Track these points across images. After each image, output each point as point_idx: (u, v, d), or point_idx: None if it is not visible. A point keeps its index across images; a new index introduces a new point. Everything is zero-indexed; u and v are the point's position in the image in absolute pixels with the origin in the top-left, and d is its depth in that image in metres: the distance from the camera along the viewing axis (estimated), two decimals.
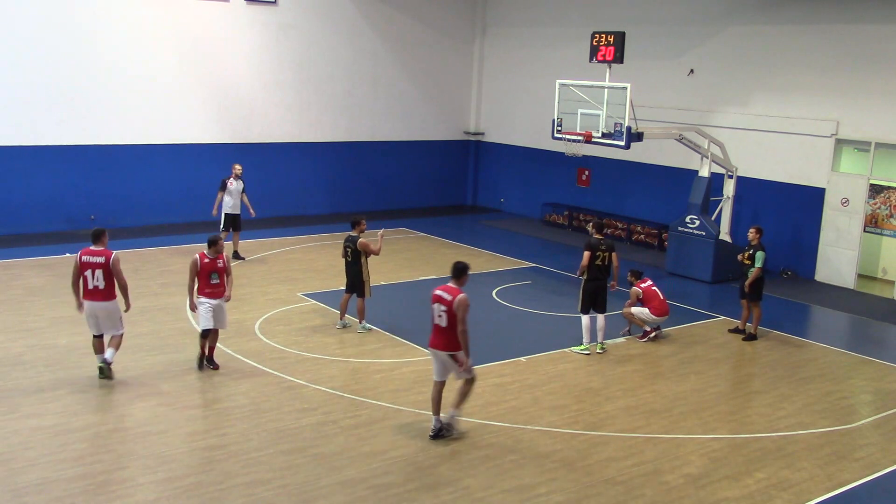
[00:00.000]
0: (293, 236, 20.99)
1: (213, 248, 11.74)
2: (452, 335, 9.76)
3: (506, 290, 16.92)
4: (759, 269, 14.17)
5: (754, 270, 14.21)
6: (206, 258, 11.69)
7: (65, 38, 19.95)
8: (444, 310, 9.84)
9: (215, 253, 11.73)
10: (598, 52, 17.02)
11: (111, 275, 10.98)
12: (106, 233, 11.27)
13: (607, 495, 8.90)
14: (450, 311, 9.77)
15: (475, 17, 26.60)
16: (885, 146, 17.97)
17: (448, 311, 9.80)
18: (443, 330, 9.85)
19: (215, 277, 11.70)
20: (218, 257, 11.74)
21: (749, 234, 14.64)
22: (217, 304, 11.71)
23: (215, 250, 11.73)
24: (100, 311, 11.10)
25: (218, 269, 11.73)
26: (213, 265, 11.70)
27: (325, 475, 9.06)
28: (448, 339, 9.80)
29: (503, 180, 26.61)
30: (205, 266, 11.68)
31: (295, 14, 23.05)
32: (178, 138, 21.75)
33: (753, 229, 14.58)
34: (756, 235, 14.45)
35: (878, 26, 17.68)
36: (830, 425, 11.06)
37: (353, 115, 24.65)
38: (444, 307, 9.86)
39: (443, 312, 9.85)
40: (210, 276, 11.67)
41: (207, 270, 11.69)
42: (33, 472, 8.82)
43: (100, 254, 11.00)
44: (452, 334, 9.76)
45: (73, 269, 11.13)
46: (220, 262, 11.75)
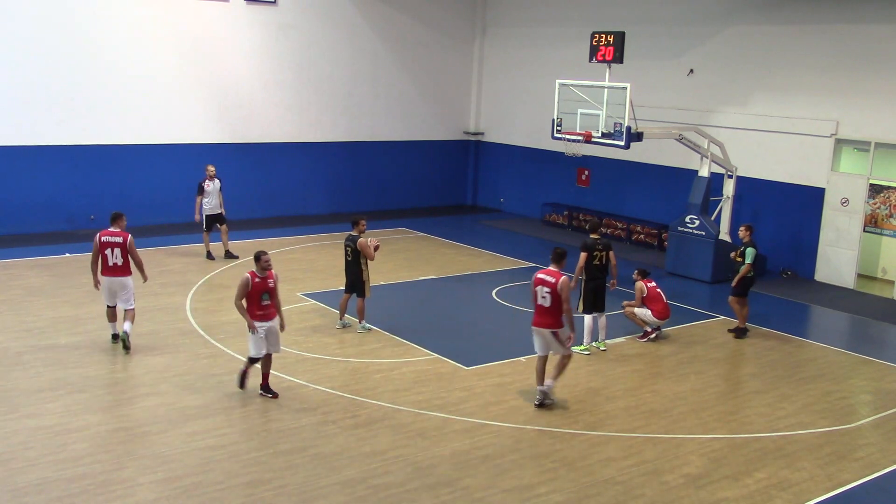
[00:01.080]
0: (293, 236, 21.00)
1: (260, 264, 10.73)
2: (555, 315, 10.82)
3: (506, 290, 16.92)
4: (749, 266, 14.27)
5: (744, 266, 14.32)
6: (257, 277, 10.68)
7: (65, 38, 19.96)
8: (548, 291, 10.83)
9: (264, 270, 10.72)
10: (598, 52, 17.02)
11: (128, 253, 12.39)
12: (124, 216, 12.70)
13: (607, 495, 8.91)
14: (554, 293, 10.76)
15: (475, 17, 26.60)
16: (884, 146, 17.98)
17: (552, 292, 10.79)
18: (546, 310, 10.90)
19: (266, 298, 10.74)
20: (268, 275, 10.76)
21: (740, 232, 14.82)
22: (269, 326, 10.81)
23: (262, 266, 10.70)
24: (117, 285, 12.45)
25: (269, 289, 10.76)
26: (264, 285, 10.71)
27: (324, 475, 9.06)
28: (552, 318, 10.86)
29: (503, 180, 26.61)
30: (256, 286, 10.66)
31: (295, 14, 23.06)
32: (178, 138, 21.76)
33: (744, 227, 14.75)
34: (747, 233, 14.60)
35: (878, 26, 17.69)
36: (830, 425, 11.07)
37: (353, 115, 24.65)
38: (547, 289, 10.85)
39: (547, 294, 10.84)
40: (261, 296, 10.70)
41: (259, 291, 10.68)
42: (33, 472, 8.82)
43: (118, 234, 12.43)
44: (555, 314, 10.81)
45: (94, 249, 12.38)
46: (270, 280, 10.77)
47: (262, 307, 10.75)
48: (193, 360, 12.30)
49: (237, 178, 21.85)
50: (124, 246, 12.36)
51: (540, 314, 10.99)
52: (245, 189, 22.39)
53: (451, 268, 18.58)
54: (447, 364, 12.58)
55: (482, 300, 16.29)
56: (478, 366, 12.56)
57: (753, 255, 14.31)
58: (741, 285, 14.44)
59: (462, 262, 19.21)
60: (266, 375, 11.00)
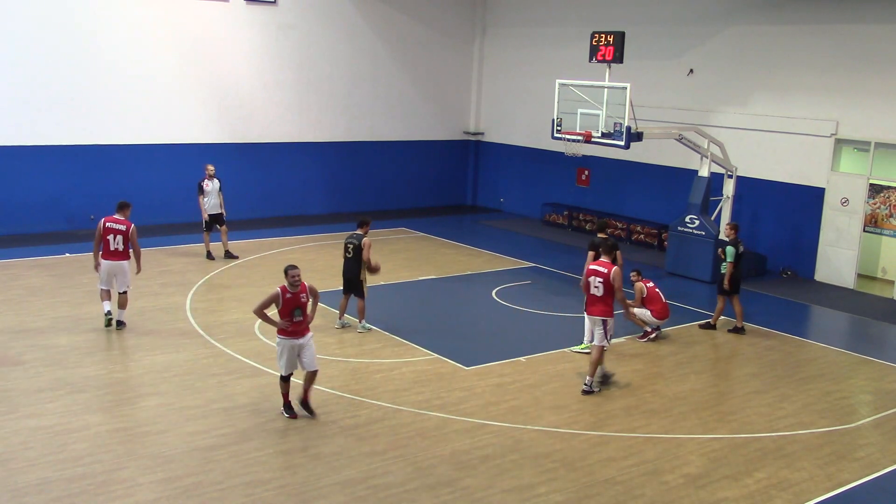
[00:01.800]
0: (293, 236, 21.00)
1: (288, 279, 10.07)
2: (607, 303, 11.51)
3: (506, 290, 16.92)
4: (731, 265, 14.45)
5: (727, 266, 14.46)
6: (288, 293, 10.07)
7: (65, 38, 19.96)
8: (600, 281, 11.50)
9: (294, 285, 10.08)
10: (598, 52, 17.02)
11: (128, 241, 13.20)
12: (130, 205, 13.54)
13: (607, 495, 8.91)
14: (606, 282, 11.43)
15: (475, 17, 26.60)
16: (884, 146, 17.98)
17: (605, 281, 11.45)
18: (599, 299, 11.57)
19: (298, 314, 10.13)
20: (300, 289, 10.15)
21: (725, 230, 15.13)
22: (301, 343, 10.22)
23: (291, 282, 10.05)
24: (116, 269, 13.22)
25: (301, 305, 10.15)
26: (296, 300, 10.10)
27: (324, 475, 9.06)
28: (604, 306, 11.54)
29: (503, 180, 26.61)
30: (287, 302, 10.06)
31: (295, 14, 23.06)
32: (178, 138, 21.76)
33: (729, 226, 15.03)
34: (732, 232, 14.81)
35: (878, 26, 17.69)
36: (830, 425, 11.07)
37: (353, 115, 24.65)
38: (600, 279, 11.52)
39: (599, 283, 11.52)
40: (293, 313, 10.09)
41: (290, 307, 10.08)
42: (33, 472, 8.82)
43: (122, 223, 13.26)
44: (607, 302, 11.50)
45: (97, 234, 13.23)
46: (303, 296, 10.17)
47: (294, 324, 10.13)
48: (193, 360, 12.29)
49: (237, 178, 21.85)
50: (126, 234, 13.20)
51: (592, 303, 11.70)
52: (245, 189, 22.39)
53: (451, 268, 18.58)
54: (447, 364, 12.58)
55: (482, 300, 16.30)
56: (478, 366, 12.56)
57: (733, 254, 14.49)
58: (732, 284, 14.58)
59: (462, 262, 19.22)
60: (307, 391, 10.48)
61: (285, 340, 10.19)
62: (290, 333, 10.14)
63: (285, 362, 10.27)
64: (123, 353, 12.57)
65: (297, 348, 10.23)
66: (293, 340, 10.20)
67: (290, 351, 10.22)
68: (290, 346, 10.21)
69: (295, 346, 10.21)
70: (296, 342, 10.22)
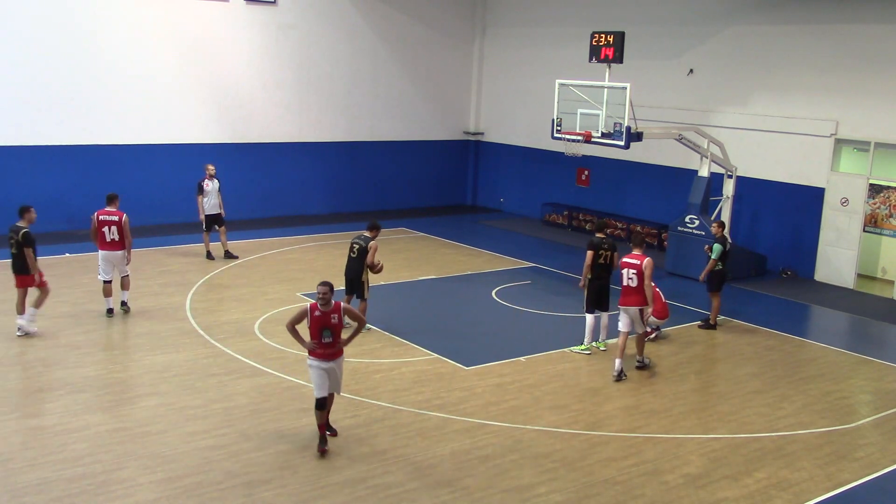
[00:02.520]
0: (292, 236, 20.99)
1: (323, 296, 9.31)
2: (641, 293, 12.10)
3: (505, 290, 16.92)
4: (714, 261, 14.71)
5: (710, 262, 14.77)
6: (318, 310, 9.35)
7: (65, 38, 19.96)
8: (634, 273, 12.12)
9: (325, 303, 9.33)
10: (599, 52, 17.02)
11: (122, 230, 13.82)
12: (118, 196, 14.26)
13: (607, 495, 8.91)
14: (639, 273, 12.04)
15: (475, 17, 26.60)
16: (884, 146, 17.98)
17: (638, 273, 12.06)
18: (633, 290, 12.16)
19: (328, 335, 9.38)
20: (332, 310, 9.37)
21: (712, 228, 15.48)
22: (331, 366, 9.49)
23: (325, 299, 9.31)
24: (115, 258, 13.95)
25: (331, 325, 9.37)
26: (325, 320, 9.35)
27: (325, 475, 9.06)
28: (639, 296, 12.14)
29: (503, 180, 26.61)
30: (316, 320, 9.35)
31: (295, 14, 23.06)
32: (178, 138, 21.75)
33: (716, 224, 15.39)
34: (719, 229, 15.14)
35: (878, 26, 17.69)
36: (830, 425, 11.07)
37: (353, 115, 24.66)
38: (634, 270, 12.13)
39: (633, 275, 12.12)
40: (322, 332, 9.37)
41: (318, 326, 9.36)
42: (33, 472, 8.82)
43: (114, 213, 13.92)
44: (641, 292, 12.09)
45: (92, 226, 13.91)
46: (334, 316, 9.36)
47: (323, 345, 9.41)
48: (193, 360, 12.29)
49: (237, 178, 21.85)
50: (120, 224, 13.87)
51: (626, 294, 12.26)
52: (245, 189, 22.39)
53: (451, 268, 18.58)
54: (447, 364, 12.58)
55: (482, 300, 16.30)
56: (478, 366, 12.56)
57: (720, 252, 14.72)
58: (710, 281, 14.86)
59: (462, 262, 19.22)
60: (327, 413, 9.83)
61: (313, 362, 9.46)
62: (318, 355, 9.41)
63: (316, 384, 9.52)
64: (123, 353, 12.57)
65: (327, 370, 9.49)
66: (321, 363, 9.43)
67: (319, 374, 9.46)
68: (318, 368, 9.44)
69: (323, 369, 9.46)
70: (324, 365, 9.45)
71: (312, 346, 9.42)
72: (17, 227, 12.78)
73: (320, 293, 9.32)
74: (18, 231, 12.74)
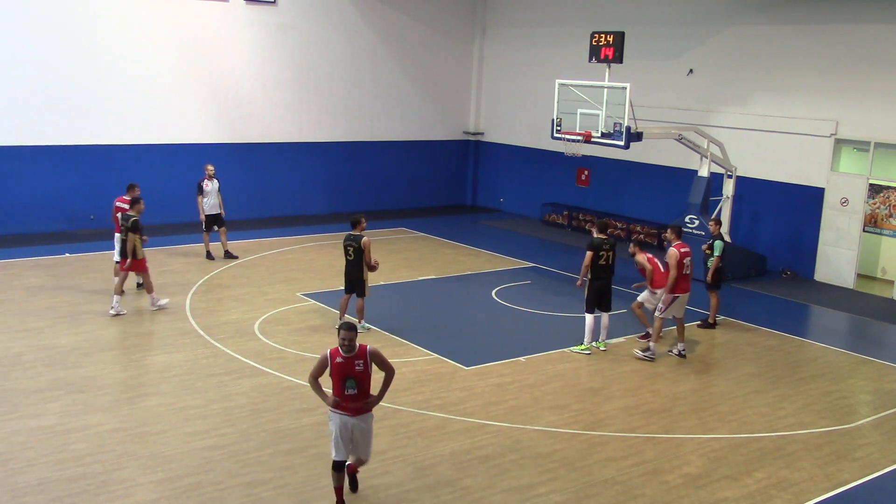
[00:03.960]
0: (292, 236, 21.00)
1: (346, 342, 7.92)
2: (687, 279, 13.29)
3: (505, 290, 16.93)
4: (718, 258, 14.75)
5: (713, 260, 14.76)
6: (339, 356, 7.99)
7: (65, 38, 19.96)
8: (690, 259, 13.25)
9: (349, 349, 7.96)
10: (598, 52, 17.02)
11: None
12: (137, 186, 15.37)
13: (607, 495, 8.91)
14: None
15: (475, 17, 26.61)
16: (884, 146, 17.98)
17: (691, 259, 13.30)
18: (689, 276, 13.31)
19: (352, 386, 8.00)
20: (356, 355, 7.99)
21: (710, 226, 15.53)
22: (356, 423, 8.14)
23: (349, 345, 7.93)
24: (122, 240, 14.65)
25: (356, 375, 7.98)
26: (349, 368, 7.97)
27: (325, 475, 9.05)
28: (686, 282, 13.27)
29: (502, 180, 26.61)
30: (338, 369, 7.98)
31: (295, 14, 23.06)
32: (178, 138, 21.76)
33: (713, 222, 15.51)
34: (716, 227, 15.29)
35: (878, 26, 17.69)
36: (830, 425, 11.07)
37: (353, 115, 24.66)
38: (690, 257, 13.20)
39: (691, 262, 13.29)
40: (344, 382, 8.00)
41: (340, 375, 7.99)
42: (33, 472, 8.82)
43: (126, 201, 14.96)
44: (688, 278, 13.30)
45: (112, 211, 15.45)
46: (358, 363, 7.97)
47: (347, 396, 8.03)
48: (193, 360, 12.30)
49: (237, 178, 21.86)
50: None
51: (686, 280, 13.22)
52: (245, 189, 22.40)
53: (451, 268, 18.58)
54: (447, 364, 12.58)
55: (482, 300, 16.30)
56: (478, 366, 12.56)
57: (721, 248, 14.81)
58: (715, 279, 14.89)
59: (462, 262, 19.22)
60: (355, 468, 8.69)
61: (336, 415, 8.13)
62: (343, 409, 8.08)
63: (335, 442, 8.13)
64: (123, 353, 12.57)
65: (352, 428, 8.14)
66: (346, 417, 8.11)
67: (342, 429, 8.10)
68: (342, 422, 8.10)
69: (348, 425, 8.10)
70: (349, 420, 8.11)
71: (334, 402, 8.08)
72: (127, 216, 14.42)
73: (343, 339, 7.92)
74: (128, 219, 14.32)
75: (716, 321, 15.10)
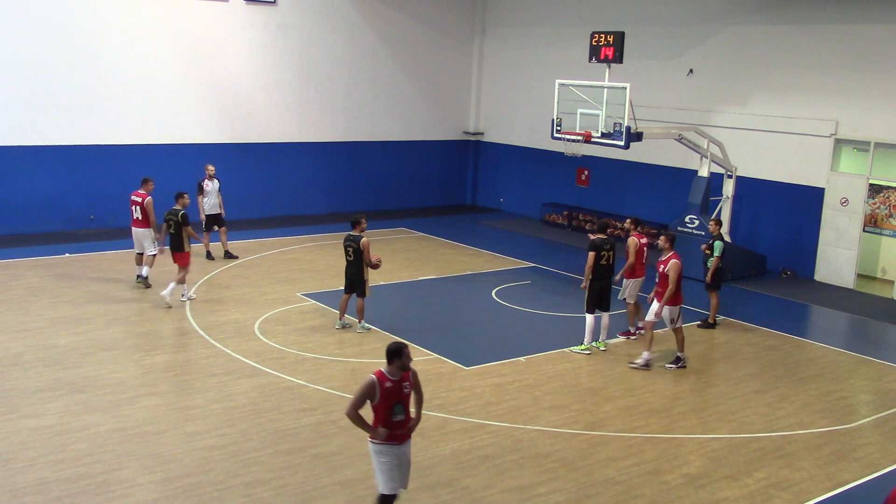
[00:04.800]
0: (292, 236, 20.99)
1: (397, 363, 7.36)
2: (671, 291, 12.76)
3: (505, 289, 16.92)
4: (718, 259, 14.78)
5: (713, 260, 14.77)
6: (389, 381, 7.38)
7: (65, 38, 19.96)
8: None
9: (401, 369, 7.42)
10: (598, 52, 17.02)
11: (144, 211, 15.56)
12: (150, 181, 15.99)
13: (607, 495, 8.91)
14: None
15: (475, 17, 26.61)
16: (884, 146, 17.98)
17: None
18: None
19: (400, 412, 7.40)
20: (403, 377, 7.45)
21: (710, 226, 15.57)
22: (403, 451, 7.56)
23: (401, 365, 7.38)
24: (138, 234, 15.77)
25: (404, 397, 7.44)
26: (398, 391, 7.38)
27: (324, 475, 9.06)
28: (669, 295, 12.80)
29: (502, 180, 26.62)
30: (387, 394, 7.33)
31: (295, 14, 23.06)
32: (178, 138, 21.76)
33: (713, 222, 15.56)
34: (717, 227, 15.34)
35: (878, 26, 17.69)
36: (830, 425, 11.07)
37: (353, 114, 24.66)
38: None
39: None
40: (393, 408, 7.37)
41: (391, 400, 7.36)
42: (33, 472, 8.82)
43: (139, 195, 15.72)
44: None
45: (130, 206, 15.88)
46: (406, 384, 7.46)
47: (395, 422, 7.40)
48: (193, 360, 12.30)
49: (237, 178, 21.86)
50: (142, 205, 15.59)
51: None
52: (245, 189, 22.40)
53: (451, 268, 18.58)
54: (447, 364, 12.58)
55: (482, 300, 16.30)
56: (478, 366, 12.56)
57: (721, 248, 14.84)
58: (715, 279, 14.90)
59: (462, 262, 19.22)
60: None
61: (384, 447, 7.44)
62: (392, 437, 7.43)
63: (389, 475, 7.48)
64: (123, 353, 12.57)
65: (400, 459, 7.55)
66: (395, 447, 7.46)
67: (391, 462, 7.48)
68: (396, 453, 7.49)
69: (396, 455, 7.51)
70: (397, 449, 7.49)
71: (384, 433, 7.38)
72: (175, 210, 15.00)
73: (409, 356, 7.41)
74: (177, 213, 14.91)
75: (716, 321, 15.11)
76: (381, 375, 7.37)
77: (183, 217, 14.89)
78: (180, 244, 14.91)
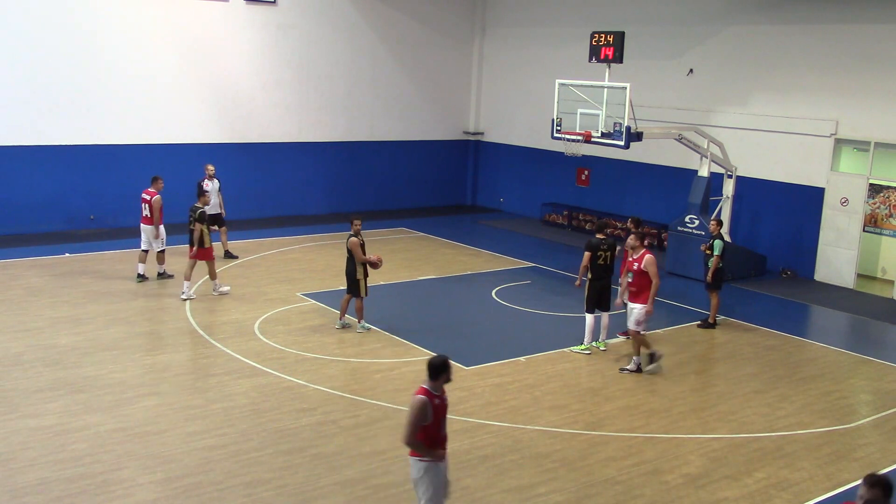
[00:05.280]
0: (292, 236, 20.99)
1: (443, 377, 7.24)
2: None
3: (505, 289, 16.92)
4: (718, 258, 14.75)
5: (713, 259, 14.76)
6: (436, 397, 7.22)
7: (65, 38, 19.96)
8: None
9: (445, 383, 7.31)
10: (598, 52, 17.02)
11: (153, 209, 16.03)
12: (159, 179, 16.44)
13: (607, 495, 8.91)
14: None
15: (475, 17, 26.61)
16: (884, 146, 17.98)
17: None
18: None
19: (445, 426, 7.47)
20: (443, 391, 7.38)
21: (710, 225, 15.54)
22: (446, 466, 7.49)
23: (447, 379, 7.27)
24: (145, 230, 16.20)
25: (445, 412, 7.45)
26: (444, 406, 7.33)
27: (324, 475, 9.06)
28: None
29: (502, 180, 26.61)
30: (439, 411, 7.23)
31: (295, 14, 23.06)
32: (178, 138, 21.76)
33: (714, 221, 15.53)
34: (716, 227, 15.30)
35: (878, 26, 17.69)
36: (830, 425, 11.07)
37: (353, 115, 24.66)
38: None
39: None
40: (440, 425, 7.31)
41: (442, 417, 7.30)
42: (33, 472, 8.82)
43: (148, 193, 16.16)
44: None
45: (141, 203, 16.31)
46: (446, 398, 7.44)
47: (442, 438, 7.33)
48: (193, 360, 12.30)
49: (237, 178, 21.86)
50: (150, 203, 16.05)
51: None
52: (245, 189, 22.39)
53: (451, 268, 18.58)
54: None
55: (482, 300, 16.30)
56: (478, 366, 12.56)
57: (721, 247, 14.81)
58: (715, 279, 14.87)
59: (462, 262, 19.22)
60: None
61: (433, 464, 7.23)
62: (442, 456, 7.34)
63: (435, 492, 7.25)
64: (123, 353, 12.57)
65: (445, 473, 7.42)
66: (440, 464, 7.34)
67: (439, 478, 7.32)
68: (437, 471, 7.30)
69: (443, 472, 7.36)
70: (443, 465, 7.37)
71: (442, 455, 7.30)
72: (195, 207, 15.32)
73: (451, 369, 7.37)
74: (195, 210, 15.24)
75: (716, 321, 15.11)
76: (427, 394, 7.12)
77: (200, 215, 15.19)
78: (201, 240, 15.15)
